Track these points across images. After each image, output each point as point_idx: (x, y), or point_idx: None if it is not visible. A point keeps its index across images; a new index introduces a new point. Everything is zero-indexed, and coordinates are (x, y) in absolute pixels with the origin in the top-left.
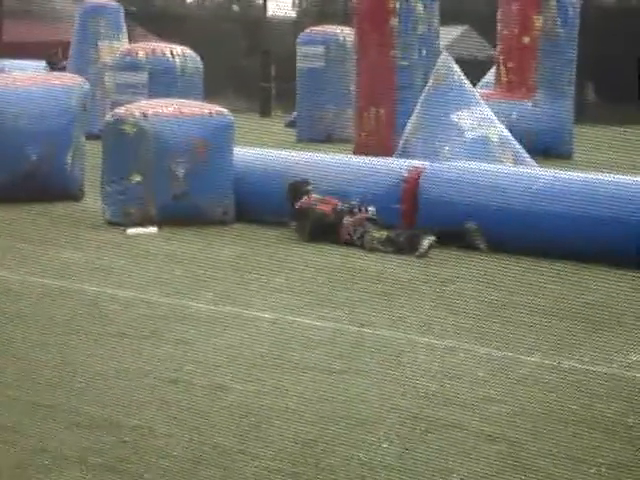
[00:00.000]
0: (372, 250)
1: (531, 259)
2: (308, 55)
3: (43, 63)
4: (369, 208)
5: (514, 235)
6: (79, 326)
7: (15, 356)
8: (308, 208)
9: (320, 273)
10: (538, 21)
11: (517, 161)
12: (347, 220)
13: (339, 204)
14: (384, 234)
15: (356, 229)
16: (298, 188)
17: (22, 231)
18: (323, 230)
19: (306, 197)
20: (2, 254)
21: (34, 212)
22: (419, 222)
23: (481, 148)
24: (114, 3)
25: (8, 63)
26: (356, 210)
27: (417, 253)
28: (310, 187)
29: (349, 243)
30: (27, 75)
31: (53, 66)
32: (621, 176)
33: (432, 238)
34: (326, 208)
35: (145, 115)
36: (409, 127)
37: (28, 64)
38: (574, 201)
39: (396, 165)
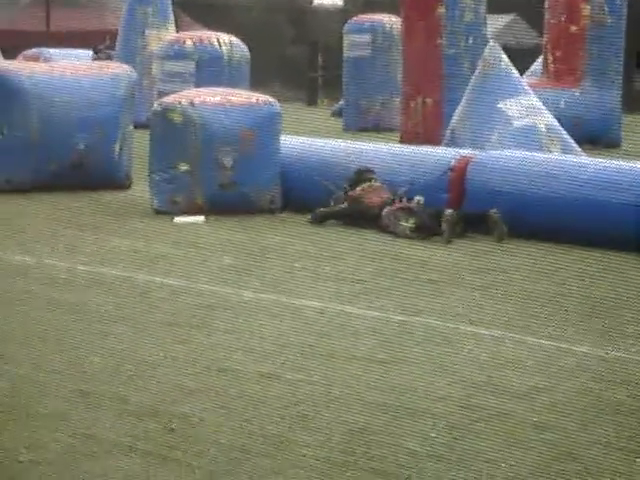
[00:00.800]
0: (407, 238)
1: (580, 248)
2: (355, 44)
3: (90, 52)
4: (416, 197)
5: (562, 224)
6: (127, 314)
7: (63, 344)
8: (357, 198)
9: (367, 261)
10: (586, 9)
11: (565, 150)
12: (385, 211)
13: (390, 195)
14: (412, 222)
15: (390, 219)
16: (360, 176)
17: (70, 219)
18: (363, 220)
19: (363, 185)
20: (51, 242)
21: (82, 200)
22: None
23: (529, 137)
24: None
25: (55, 52)
26: (397, 200)
27: (444, 239)
28: (374, 176)
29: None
30: (75, 64)
31: (98, 54)
32: None
33: (449, 212)
34: (377, 199)
35: (192, 104)
36: (456, 116)
37: (75, 53)
38: (623, 190)
39: (443, 154)
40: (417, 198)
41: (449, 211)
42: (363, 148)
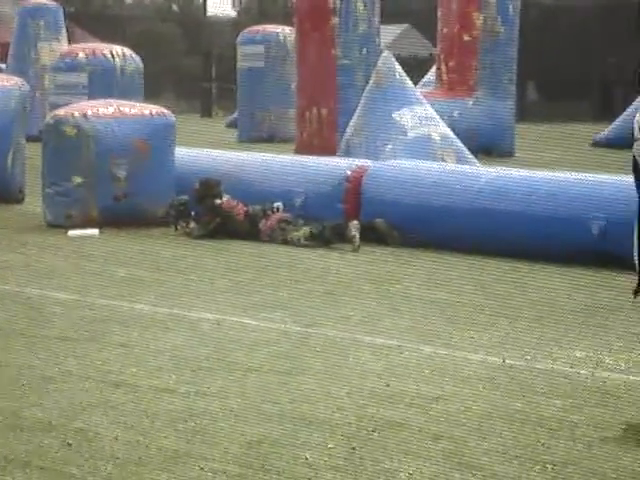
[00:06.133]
0: (301, 247)
1: (474, 257)
2: (248, 55)
3: None
4: (275, 204)
5: (457, 233)
6: (20, 329)
7: None
8: (230, 211)
9: (263, 273)
10: (478, 19)
11: (459, 160)
12: (263, 225)
13: (249, 208)
14: (305, 230)
15: (274, 231)
16: (212, 186)
17: None
18: (227, 233)
19: (226, 198)
20: None
21: None
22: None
23: (423, 147)
24: (53, 4)
25: None
26: (269, 212)
27: (354, 247)
28: (222, 188)
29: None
30: None
31: None
32: (562, 173)
33: (356, 223)
34: (239, 214)
35: (85, 116)
36: (351, 126)
37: None
38: (516, 199)
39: (339, 164)
40: (276, 204)
41: (355, 221)
42: (258, 159)
